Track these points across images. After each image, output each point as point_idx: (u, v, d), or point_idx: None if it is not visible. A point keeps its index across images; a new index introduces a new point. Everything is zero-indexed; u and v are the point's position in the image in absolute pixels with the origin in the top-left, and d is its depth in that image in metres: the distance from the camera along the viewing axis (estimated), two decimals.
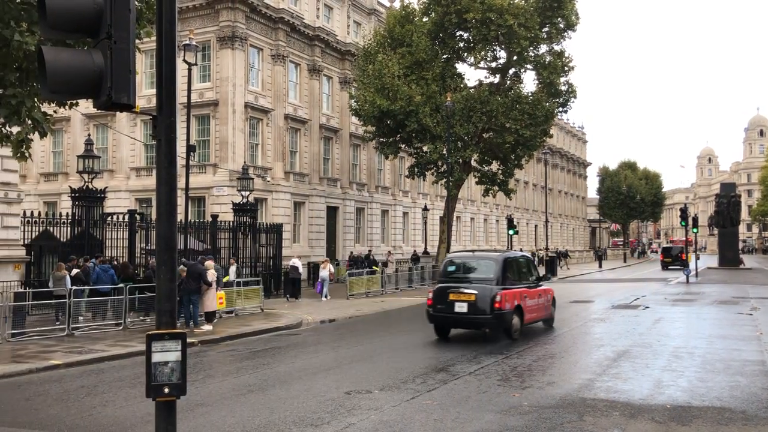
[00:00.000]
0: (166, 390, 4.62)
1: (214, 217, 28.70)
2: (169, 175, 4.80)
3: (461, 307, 15.52)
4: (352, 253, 41.37)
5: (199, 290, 18.01)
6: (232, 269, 24.24)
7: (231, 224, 28.76)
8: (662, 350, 14.34)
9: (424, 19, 38.63)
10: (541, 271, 48.30)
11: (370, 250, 42.55)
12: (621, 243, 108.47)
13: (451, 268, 17.02)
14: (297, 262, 29.17)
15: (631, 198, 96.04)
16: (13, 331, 15.99)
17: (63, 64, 4.32)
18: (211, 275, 18.57)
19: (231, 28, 35.75)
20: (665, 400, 9.72)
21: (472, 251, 23.78)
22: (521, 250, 38.31)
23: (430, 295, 16.54)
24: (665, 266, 55.43)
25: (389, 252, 37.50)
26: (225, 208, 32.35)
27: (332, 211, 44.22)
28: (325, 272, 28.93)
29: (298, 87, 41.61)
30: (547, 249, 54.20)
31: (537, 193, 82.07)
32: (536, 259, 56.41)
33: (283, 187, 38.97)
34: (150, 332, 4.66)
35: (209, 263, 19.01)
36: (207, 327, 17.96)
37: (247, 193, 29.71)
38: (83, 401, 10.21)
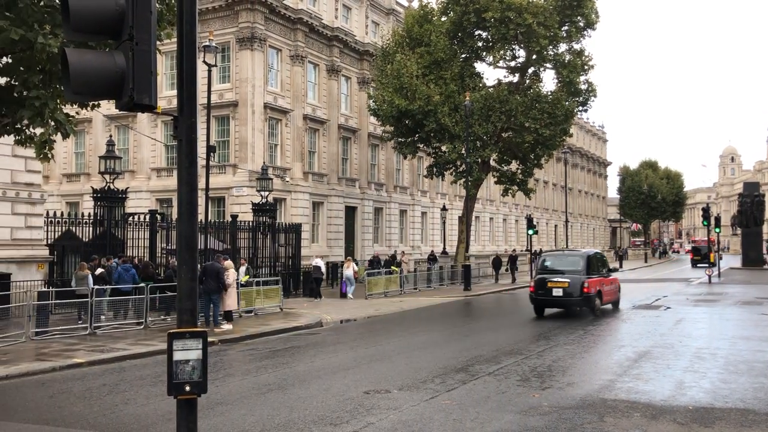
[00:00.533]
0: (188, 388, 4.66)
1: (234, 217, 28.88)
2: (190, 175, 4.84)
3: (558, 292, 20.66)
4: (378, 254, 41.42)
5: (219, 289, 18.13)
6: (242, 269, 24.36)
7: (250, 224, 28.94)
8: (684, 351, 14.18)
9: (443, 19, 38.58)
10: None
11: (395, 251, 42.58)
12: (641, 243, 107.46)
13: (548, 263, 22.18)
14: (319, 262, 29.35)
15: (652, 197, 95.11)
16: (36, 330, 16.22)
17: (86, 65, 4.38)
18: (232, 275, 18.69)
19: (250, 29, 35.95)
20: (687, 402, 9.62)
21: (562, 250, 33.14)
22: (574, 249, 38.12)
23: (533, 283, 21.83)
24: (694, 264, 60.52)
25: (402, 252, 37.48)
26: (245, 208, 32.54)
27: (351, 211, 44.30)
28: (349, 271, 29.21)
29: (316, 87, 41.74)
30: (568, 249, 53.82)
31: (557, 193, 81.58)
32: None
33: (301, 187, 39.11)
34: (171, 330, 4.70)
35: (228, 263, 19.12)
36: (226, 326, 18.07)
37: (267, 193, 29.86)
38: (105, 399, 10.33)
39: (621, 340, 16.13)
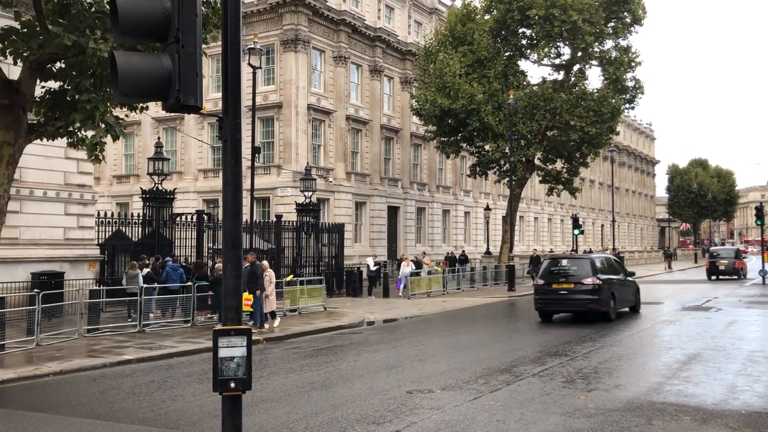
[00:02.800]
0: (232, 384, 4.73)
1: (279, 217, 29.21)
2: (235, 175, 4.91)
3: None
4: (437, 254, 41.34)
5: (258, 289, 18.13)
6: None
7: (294, 224, 29.23)
8: (736, 354, 13.77)
9: (486, 17, 38.31)
10: None
11: (463, 251, 42.50)
12: (690, 243, 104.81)
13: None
14: (370, 261, 29.59)
15: (702, 197, 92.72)
16: (88, 327, 16.68)
17: (134, 68, 4.49)
18: (270, 276, 18.65)
19: (294, 31, 36.31)
20: (740, 406, 9.34)
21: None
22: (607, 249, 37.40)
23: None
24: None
25: (424, 253, 37.14)
26: (289, 208, 32.90)
27: (393, 211, 44.35)
28: (408, 269, 29.59)
29: (359, 88, 41.91)
30: (614, 249, 52.87)
31: (603, 192, 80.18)
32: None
33: (344, 187, 39.32)
34: (216, 328, 4.78)
35: (265, 263, 19.17)
36: (267, 325, 18.25)
37: (310, 193, 30.11)
38: (154, 395, 10.55)
39: (670, 342, 15.75)
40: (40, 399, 10.56)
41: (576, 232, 42.96)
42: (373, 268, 29.84)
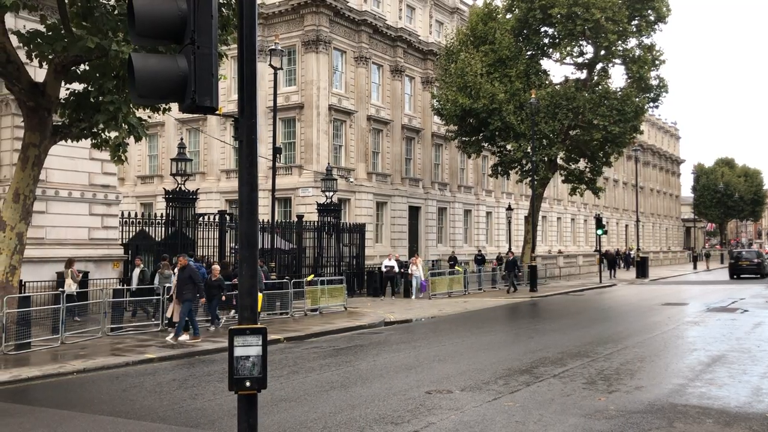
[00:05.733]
0: (248, 384, 4.76)
1: (300, 217, 29.34)
2: (251, 175, 4.94)
3: None
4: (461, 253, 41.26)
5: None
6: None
7: (315, 224, 29.33)
8: (762, 356, 13.55)
9: (508, 16, 38.13)
10: (632, 272, 46.49)
11: (479, 250, 42.26)
12: (717, 244, 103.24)
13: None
14: (392, 262, 29.56)
15: (728, 196, 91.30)
16: (111, 326, 16.89)
17: (150, 69, 4.54)
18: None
19: (315, 32, 36.44)
20: (764, 409, 9.19)
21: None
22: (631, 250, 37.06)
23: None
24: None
25: (416, 254, 36.64)
26: (310, 208, 33.02)
27: (414, 211, 44.31)
28: (419, 270, 29.52)
29: (380, 88, 41.94)
30: (638, 249, 52.30)
31: (627, 192, 79.35)
32: (629, 258, 54.53)
33: (365, 187, 39.38)
34: (232, 327, 4.81)
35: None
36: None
37: (331, 193, 30.20)
38: (175, 393, 10.65)
39: (693, 343, 15.54)
40: (64, 396, 10.72)
41: (599, 232, 42.50)
42: (396, 269, 29.77)
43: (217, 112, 4.77)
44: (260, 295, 19.62)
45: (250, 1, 4.94)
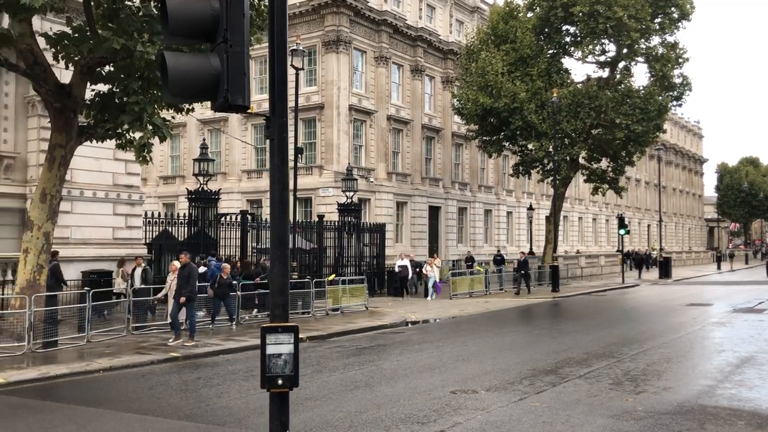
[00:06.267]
0: (280, 381, 4.77)
1: (320, 217, 29.40)
2: (282, 174, 4.95)
3: None
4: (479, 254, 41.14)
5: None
6: None
7: (336, 224, 29.38)
8: None
9: (529, 15, 37.90)
10: (654, 272, 46.03)
11: (499, 250, 42.05)
12: (741, 244, 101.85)
13: None
14: (406, 261, 29.48)
15: (752, 196, 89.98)
16: (135, 325, 17.04)
17: (183, 68, 4.56)
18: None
19: (336, 33, 36.50)
20: None
21: None
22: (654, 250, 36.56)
23: None
24: None
25: (435, 254, 36.29)
26: (330, 208, 33.07)
27: (434, 211, 44.22)
28: (433, 271, 29.37)
29: (400, 88, 41.90)
30: (660, 249, 51.74)
31: (649, 192, 78.54)
32: (649, 259, 53.99)
33: (385, 187, 39.37)
34: (264, 325, 4.82)
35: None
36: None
37: (351, 193, 30.23)
38: (200, 392, 10.71)
39: (721, 344, 15.33)
40: (91, 394, 10.83)
41: (622, 232, 42.08)
42: (397, 269, 29.71)
43: (249, 110, 4.78)
44: None
45: (281, 2, 4.95)
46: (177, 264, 16.06)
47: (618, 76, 38.08)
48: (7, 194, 20.49)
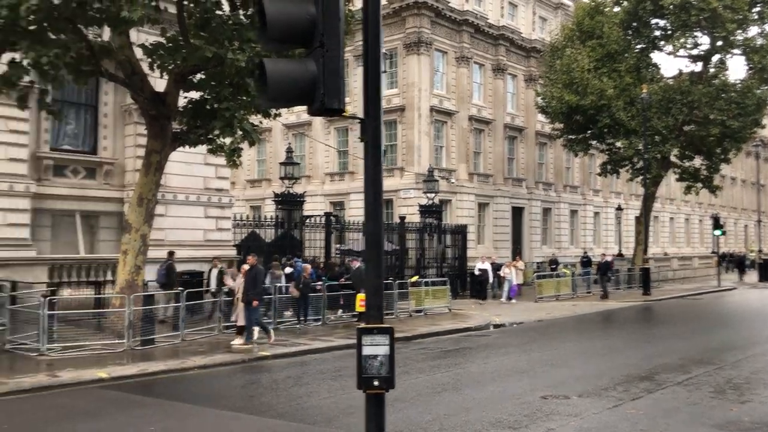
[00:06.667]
0: (376, 383, 4.77)
1: (402, 218, 29.47)
2: (376, 176, 4.95)
3: None
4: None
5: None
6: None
7: (417, 225, 29.38)
8: None
9: (616, 9, 36.76)
10: (752, 275, 43.72)
11: (585, 252, 41.12)
12: None
13: None
14: (486, 264, 29.16)
15: None
16: (226, 324, 17.53)
17: (281, 73, 4.63)
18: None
19: (417, 34, 36.54)
20: None
21: None
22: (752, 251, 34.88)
23: None
24: None
25: (518, 257, 35.10)
26: (411, 210, 33.09)
27: (517, 212, 43.50)
28: (512, 274, 28.81)
29: (482, 87, 41.48)
30: (759, 251, 49.10)
31: (746, 190, 74.53)
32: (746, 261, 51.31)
33: (467, 188, 39.06)
34: (361, 326, 4.84)
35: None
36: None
37: (433, 195, 30.16)
38: (290, 391, 10.91)
39: None
40: (186, 390, 11.22)
41: (717, 233, 40.22)
42: (477, 272, 29.30)
43: (344, 113, 4.81)
44: (362, 294, 19.79)
45: (375, 6, 4.97)
46: (245, 266, 16.28)
47: (712, 70, 36.38)
48: (106, 198, 21.53)
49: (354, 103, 32.47)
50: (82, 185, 20.88)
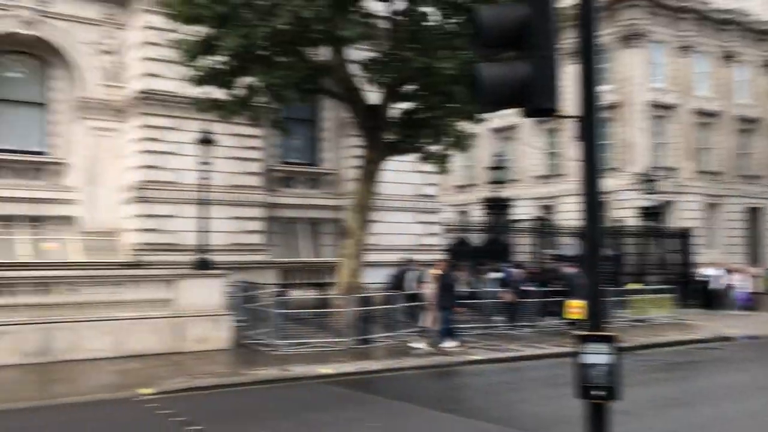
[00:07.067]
0: (597, 393, 4.59)
1: (618, 221, 27.99)
2: (593, 176, 4.79)
3: None
4: None
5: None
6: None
7: (635, 229, 27.71)
8: None
9: None
10: None
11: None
12: None
13: None
14: (714, 270, 26.76)
15: None
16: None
17: (495, 77, 4.67)
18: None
19: (631, 27, 34.63)
20: None
21: None
22: None
23: None
24: None
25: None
26: (628, 212, 31.31)
27: (752, 213, 39.23)
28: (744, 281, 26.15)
29: (707, 77, 38.07)
30: None
31: None
32: None
33: (690, 187, 36.04)
34: (581, 333, 4.69)
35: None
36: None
37: (652, 196, 28.28)
38: (503, 396, 10.85)
39: None
40: (401, 390, 11.60)
41: None
42: (704, 279, 26.68)
43: (558, 114, 4.72)
44: (580, 302, 19.02)
45: (589, 4, 4.82)
46: (435, 271, 16.17)
47: None
48: (327, 206, 23.07)
49: (564, 102, 31.54)
50: (305, 194, 22.60)
